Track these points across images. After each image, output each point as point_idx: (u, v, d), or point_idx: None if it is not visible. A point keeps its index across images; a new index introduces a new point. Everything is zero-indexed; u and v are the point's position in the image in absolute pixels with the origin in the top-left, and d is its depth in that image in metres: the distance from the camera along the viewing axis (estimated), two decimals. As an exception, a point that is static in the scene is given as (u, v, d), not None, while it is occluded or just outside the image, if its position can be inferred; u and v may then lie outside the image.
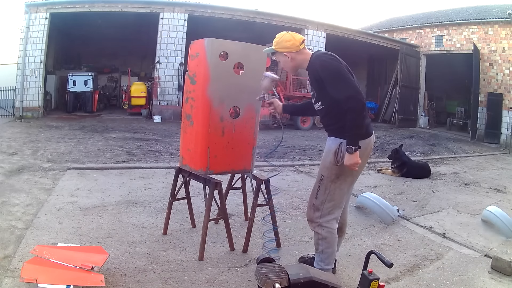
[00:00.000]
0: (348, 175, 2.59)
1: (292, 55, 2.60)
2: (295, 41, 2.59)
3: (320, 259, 2.69)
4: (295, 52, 2.59)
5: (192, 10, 14.13)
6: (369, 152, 2.69)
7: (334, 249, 2.68)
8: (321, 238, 2.64)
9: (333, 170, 2.58)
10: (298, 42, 2.59)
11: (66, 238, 3.27)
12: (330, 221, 2.64)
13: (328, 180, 2.61)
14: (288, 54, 2.60)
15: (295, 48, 2.58)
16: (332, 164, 2.57)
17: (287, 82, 14.25)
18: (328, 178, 2.61)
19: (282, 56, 2.65)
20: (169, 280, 2.70)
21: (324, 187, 2.62)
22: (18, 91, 12.62)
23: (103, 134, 9.66)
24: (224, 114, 3.04)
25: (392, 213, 4.25)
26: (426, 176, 6.85)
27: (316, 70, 2.49)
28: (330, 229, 2.63)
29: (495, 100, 14.98)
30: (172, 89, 14.04)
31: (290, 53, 2.60)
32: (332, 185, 2.60)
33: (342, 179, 2.60)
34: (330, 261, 2.68)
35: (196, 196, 4.42)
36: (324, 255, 2.66)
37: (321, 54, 2.57)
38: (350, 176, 2.63)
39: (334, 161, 2.56)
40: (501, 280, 2.99)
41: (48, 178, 5.22)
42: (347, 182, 2.64)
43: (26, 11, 12.54)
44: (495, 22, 15.25)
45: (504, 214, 4.15)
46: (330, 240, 2.63)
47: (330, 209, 2.63)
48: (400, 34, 19.59)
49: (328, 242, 2.63)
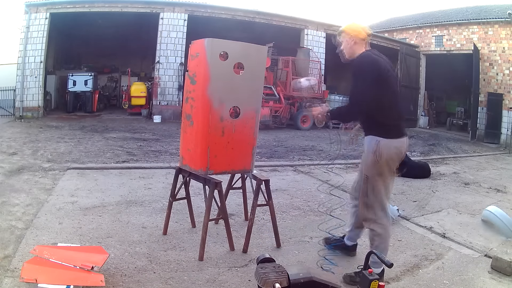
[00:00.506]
0: (388, 171, 2.79)
1: (356, 39, 2.84)
2: (363, 31, 2.88)
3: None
4: (360, 38, 2.84)
5: (192, 10, 14.13)
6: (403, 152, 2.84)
7: (387, 244, 2.85)
8: (376, 235, 2.80)
9: (375, 168, 2.77)
10: (366, 34, 2.88)
11: (66, 238, 3.27)
12: (384, 218, 2.81)
13: (373, 179, 2.79)
14: (353, 38, 2.84)
15: (362, 36, 2.85)
16: (374, 163, 2.76)
17: (287, 82, 14.25)
18: (373, 178, 2.79)
19: (348, 37, 2.86)
20: (169, 280, 2.70)
21: (372, 186, 2.80)
22: (18, 91, 12.62)
23: (103, 134, 9.66)
24: (224, 114, 3.04)
25: (392, 213, 4.24)
26: (426, 176, 6.85)
27: (353, 66, 2.77)
28: (384, 226, 2.80)
29: (495, 100, 14.98)
30: (172, 89, 14.04)
31: (356, 38, 2.83)
32: (377, 183, 2.79)
33: (384, 176, 2.79)
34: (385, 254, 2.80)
35: (196, 196, 4.42)
36: (378, 249, 2.78)
37: (366, 55, 2.76)
38: (389, 173, 2.81)
39: (375, 160, 2.74)
40: (501, 280, 2.99)
41: (48, 178, 5.22)
42: (388, 179, 2.82)
43: (26, 11, 12.54)
44: (495, 22, 15.25)
45: (504, 214, 4.15)
46: (384, 236, 2.80)
47: (382, 205, 2.81)
48: (400, 34, 19.59)
49: (382, 238, 2.80)
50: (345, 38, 2.89)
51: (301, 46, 15.69)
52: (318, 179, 6.19)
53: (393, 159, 2.78)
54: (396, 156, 2.79)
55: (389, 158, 2.75)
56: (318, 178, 6.24)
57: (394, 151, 2.76)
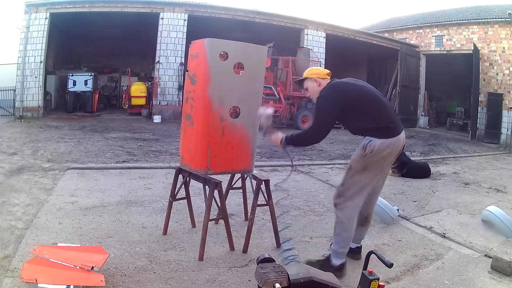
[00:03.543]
0: (374, 168, 2.86)
1: (320, 80, 3.00)
2: (323, 71, 3.09)
3: (335, 241, 2.93)
4: (322, 78, 3.01)
5: (192, 10, 14.13)
6: (398, 150, 2.91)
7: (349, 235, 2.92)
8: (339, 222, 2.91)
9: (361, 161, 2.86)
10: (325, 72, 3.07)
11: (66, 238, 3.27)
12: (350, 207, 2.87)
13: (355, 170, 2.89)
14: (317, 80, 3.00)
15: (323, 76, 3.02)
16: (360, 156, 2.85)
17: (287, 82, 14.25)
18: (355, 169, 2.89)
19: (311, 82, 3.02)
20: (169, 280, 2.70)
21: (350, 176, 2.92)
22: (18, 91, 12.62)
23: (103, 134, 9.66)
24: (224, 114, 3.04)
25: (392, 213, 4.25)
26: (426, 176, 6.85)
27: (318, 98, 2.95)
28: (348, 215, 2.88)
29: (495, 100, 14.98)
30: (172, 89, 14.04)
31: (318, 79, 3.00)
32: (357, 175, 2.88)
33: (367, 171, 2.86)
34: (345, 245, 2.91)
35: (196, 196, 4.42)
36: (339, 237, 2.91)
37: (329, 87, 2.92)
38: (375, 170, 2.88)
39: (362, 153, 2.83)
40: (501, 280, 2.99)
41: (48, 178, 5.22)
42: (371, 174, 2.89)
43: (26, 11, 12.54)
44: (495, 22, 15.25)
45: (504, 214, 4.15)
46: (347, 226, 2.88)
47: (351, 195, 2.88)
48: (400, 34, 19.59)
49: (343, 227, 2.88)
50: (309, 83, 3.04)
51: (301, 46, 15.69)
52: (318, 179, 6.19)
53: (383, 158, 2.84)
54: (388, 155, 2.85)
55: (379, 156, 2.81)
56: (318, 178, 6.25)
57: (385, 150, 2.82)
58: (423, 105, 18.81)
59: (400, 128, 2.95)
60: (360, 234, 3.19)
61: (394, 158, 2.97)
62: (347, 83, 2.98)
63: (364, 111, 2.86)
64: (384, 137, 2.82)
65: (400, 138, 2.92)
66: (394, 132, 2.88)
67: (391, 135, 2.86)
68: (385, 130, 2.84)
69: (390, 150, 2.85)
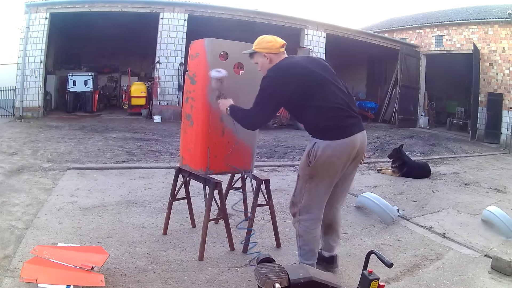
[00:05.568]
0: (323, 176, 2.53)
1: (271, 56, 2.61)
2: (275, 43, 2.63)
3: (299, 253, 2.72)
4: (274, 53, 2.61)
5: (192, 10, 14.12)
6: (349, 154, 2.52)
7: (311, 247, 2.64)
8: (298, 235, 2.67)
9: (306, 170, 2.58)
10: (279, 45, 2.63)
11: (66, 238, 3.27)
12: (308, 220, 2.61)
13: (303, 180, 2.62)
14: (267, 55, 2.62)
15: (275, 50, 2.61)
16: (306, 165, 2.58)
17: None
18: (303, 178, 2.62)
19: (261, 57, 2.66)
20: (169, 280, 2.70)
21: (300, 186, 2.64)
22: (18, 91, 12.60)
23: (103, 134, 9.66)
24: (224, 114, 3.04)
25: (392, 213, 4.25)
26: (426, 176, 6.85)
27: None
28: (306, 228, 2.62)
29: (495, 100, 14.98)
30: (172, 89, 14.03)
31: (269, 54, 2.61)
32: (307, 184, 2.59)
33: (317, 180, 2.55)
34: (308, 258, 2.64)
35: (196, 196, 4.42)
36: (302, 251, 2.67)
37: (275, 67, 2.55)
38: (326, 178, 2.54)
39: (307, 160, 2.56)
40: (501, 280, 2.99)
41: (48, 178, 5.22)
42: (323, 183, 2.56)
43: (26, 11, 12.53)
44: (495, 22, 15.25)
45: (504, 214, 4.15)
46: (306, 238, 2.63)
47: (307, 208, 2.61)
48: (400, 34, 19.58)
49: (304, 240, 2.64)
50: (259, 59, 2.66)
51: (301, 46, 15.67)
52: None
53: (332, 162, 2.47)
54: (337, 159, 2.47)
55: (326, 161, 2.46)
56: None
57: (333, 154, 2.45)
58: (423, 105, 18.80)
59: (356, 128, 2.52)
60: (328, 242, 2.85)
61: (348, 162, 2.55)
62: (297, 64, 2.53)
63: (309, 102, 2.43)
64: (330, 138, 2.45)
65: (354, 140, 2.48)
66: (344, 131, 2.46)
67: (342, 135, 2.45)
68: (332, 130, 2.45)
69: (338, 154, 2.45)
